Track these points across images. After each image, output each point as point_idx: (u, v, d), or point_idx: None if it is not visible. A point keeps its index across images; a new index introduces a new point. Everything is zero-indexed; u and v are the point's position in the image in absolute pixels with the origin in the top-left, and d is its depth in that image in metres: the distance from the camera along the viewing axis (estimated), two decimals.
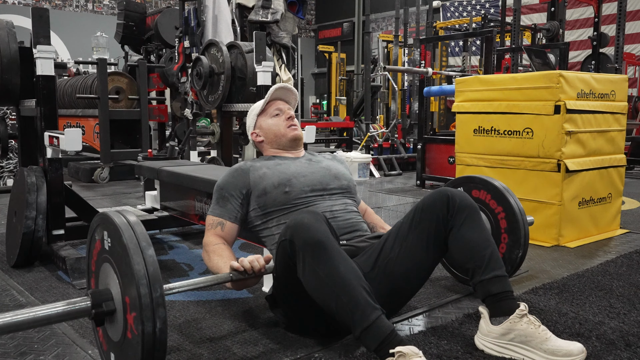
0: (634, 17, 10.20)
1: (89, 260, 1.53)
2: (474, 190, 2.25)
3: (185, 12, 4.45)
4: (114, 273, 1.37)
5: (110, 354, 1.45)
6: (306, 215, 1.51)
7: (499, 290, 1.58)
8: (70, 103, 5.73)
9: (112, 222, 1.36)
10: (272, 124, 2.00)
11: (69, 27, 12.77)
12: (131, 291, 1.29)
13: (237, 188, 1.86)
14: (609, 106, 3.16)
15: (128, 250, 1.29)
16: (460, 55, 10.59)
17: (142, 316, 1.25)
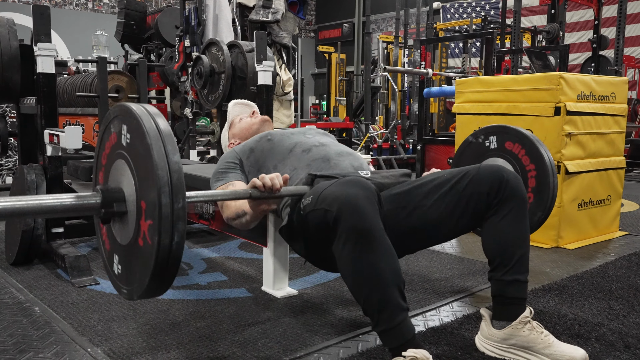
0: (634, 19, 10.22)
1: (99, 152, 1.43)
2: (508, 142, 2.20)
3: (186, 11, 4.45)
4: (130, 173, 1.26)
5: (114, 256, 1.38)
6: (359, 192, 1.37)
7: (513, 295, 1.56)
8: (70, 101, 5.73)
9: (135, 117, 1.22)
10: (241, 125, 2.23)
11: (69, 25, 12.76)
12: (150, 197, 1.17)
13: (230, 161, 1.94)
14: (609, 108, 3.16)
15: (152, 153, 1.16)
16: (460, 56, 10.60)
17: (160, 227, 1.14)
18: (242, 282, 2.33)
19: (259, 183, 1.53)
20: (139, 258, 1.24)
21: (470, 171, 1.63)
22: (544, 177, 2.08)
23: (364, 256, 1.35)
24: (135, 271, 1.27)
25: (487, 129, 2.26)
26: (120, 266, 1.35)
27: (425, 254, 2.82)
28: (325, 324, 1.85)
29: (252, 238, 2.28)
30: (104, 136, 1.40)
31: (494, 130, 2.24)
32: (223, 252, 2.82)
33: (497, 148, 2.23)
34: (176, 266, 1.20)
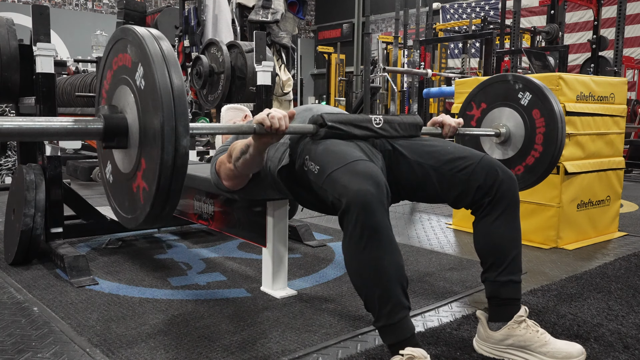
0: (633, 20, 10.23)
1: (104, 65, 1.41)
2: (536, 110, 2.11)
3: (186, 11, 4.45)
4: (133, 99, 1.25)
5: (108, 164, 1.42)
6: (370, 189, 1.35)
7: (508, 295, 1.57)
8: (69, 101, 5.72)
9: (142, 46, 1.20)
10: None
11: (68, 25, 12.75)
12: (152, 138, 1.17)
13: (228, 143, 1.92)
14: (608, 109, 3.16)
15: (156, 79, 1.15)
16: (459, 57, 10.60)
17: (164, 146, 1.14)
18: (241, 282, 2.33)
19: (267, 123, 1.47)
20: (146, 174, 1.23)
21: (473, 157, 1.63)
22: (544, 163, 2.06)
23: (369, 252, 1.36)
24: (137, 199, 1.27)
25: (528, 82, 2.11)
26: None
27: (425, 253, 2.82)
28: (324, 324, 1.85)
29: (251, 238, 2.28)
30: (109, 54, 1.38)
31: (533, 88, 2.09)
32: (222, 252, 2.82)
33: (525, 106, 2.10)
34: (183, 174, 1.19)
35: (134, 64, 1.23)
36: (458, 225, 3.51)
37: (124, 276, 2.38)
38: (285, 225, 2.17)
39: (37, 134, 1.21)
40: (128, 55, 1.26)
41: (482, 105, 2.24)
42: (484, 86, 2.25)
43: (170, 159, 1.14)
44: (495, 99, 2.20)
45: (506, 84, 2.15)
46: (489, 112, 2.22)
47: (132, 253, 2.77)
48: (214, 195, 2.46)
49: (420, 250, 2.91)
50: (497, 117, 2.19)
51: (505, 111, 2.16)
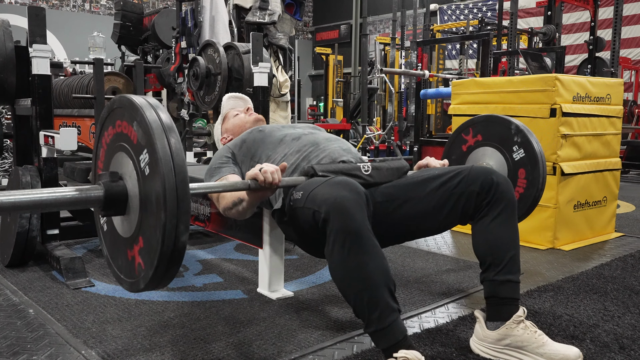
0: (630, 21, 10.25)
1: (100, 133, 1.41)
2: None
3: (183, 12, 4.44)
4: (133, 168, 1.24)
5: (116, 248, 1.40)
6: (348, 195, 1.39)
7: (505, 295, 1.57)
8: (66, 103, 5.72)
9: (138, 110, 1.21)
10: (235, 120, 2.18)
11: (65, 27, 12.73)
12: (154, 196, 1.17)
13: (223, 156, 1.94)
14: (604, 110, 3.17)
15: (156, 149, 1.15)
16: (457, 58, 10.61)
17: (166, 224, 1.14)
18: (238, 283, 2.33)
19: (261, 178, 1.50)
20: (143, 253, 1.24)
21: (462, 171, 1.66)
22: (534, 166, 2.09)
23: (353, 257, 1.37)
24: (132, 268, 1.28)
25: (529, 145, 2.09)
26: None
27: (421, 254, 2.82)
28: (320, 326, 1.85)
29: (248, 240, 2.28)
30: (105, 121, 1.38)
31: (529, 151, 2.10)
32: (219, 254, 2.82)
33: (515, 161, 2.14)
34: (178, 264, 1.20)
35: (140, 146, 1.23)
36: (457, 226, 3.51)
37: None
38: None
39: (38, 206, 1.22)
40: (134, 132, 1.25)
41: (478, 137, 2.25)
42: (489, 121, 2.23)
43: (169, 252, 1.16)
44: (493, 138, 2.20)
45: (508, 131, 2.15)
46: (481, 147, 2.24)
47: None
48: (211, 197, 2.45)
49: (417, 251, 2.91)
50: (486, 156, 2.22)
51: (496, 156, 2.19)
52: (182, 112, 4.40)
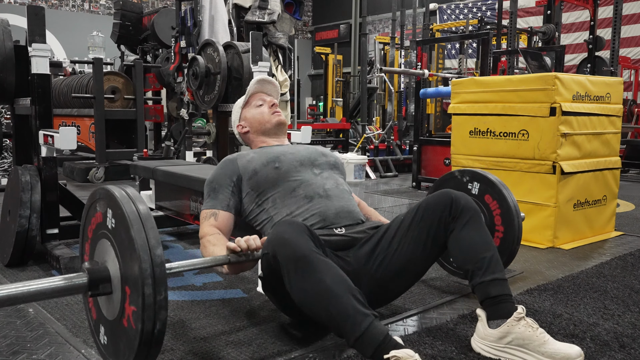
0: (629, 20, 10.25)
1: (84, 225, 1.50)
2: (488, 195, 2.21)
3: (182, 12, 4.44)
4: (115, 255, 1.33)
5: (100, 327, 1.45)
6: (286, 229, 1.49)
7: (497, 293, 1.58)
8: (65, 102, 5.72)
9: (119, 206, 1.30)
10: (256, 113, 2.05)
11: (65, 26, 12.74)
12: (133, 285, 1.25)
13: (227, 177, 1.88)
14: (604, 109, 3.17)
15: (135, 246, 1.24)
16: (456, 57, 10.61)
17: (144, 315, 1.23)
18: (237, 283, 2.32)
19: (234, 246, 1.55)
20: (123, 337, 1.32)
21: (422, 203, 1.73)
22: (509, 242, 2.14)
23: (308, 278, 1.42)
24: (121, 347, 1.34)
25: (474, 173, 2.25)
26: (107, 338, 1.42)
27: None
28: (320, 325, 1.84)
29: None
30: (89, 212, 1.48)
31: (480, 178, 2.23)
32: None
33: (476, 195, 2.22)
34: (158, 350, 1.31)
35: (115, 228, 1.33)
36: None
37: None
38: None
39: (25, 298, 1.28)
40: (108, 216, 1.37)
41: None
42: (439, 184, 2.31)
43: (149, 337, 1.26)
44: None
45: (455, 179, 2.27)
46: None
47: None
48: None
49: None
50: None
51: None
52: (182, 112, 4.40)
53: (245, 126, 2.08)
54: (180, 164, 3.15)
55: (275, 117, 2.04)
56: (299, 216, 1.79)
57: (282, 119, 2.06)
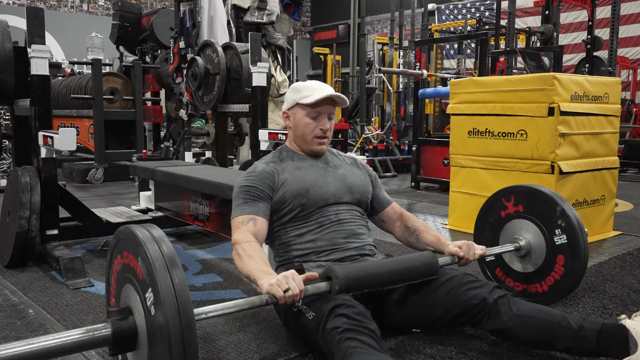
0: (627, 20, 10.26)
1: (110, 261, 1.42)
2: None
3: (181, 13, 4.45)
4: (140, 303, 1.24)
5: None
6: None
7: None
8: (64, 103, 5.72)
9: (144, 251, 1.21)
10: (304, 124, 1.83)
11: (64, 27, 12.72)
12: (161, 340, 1.17)
13: (267, 186, 1.78)
14: (602, 109, 3.17)
15: (162, 299, 1.15)
16: (455, 57, 10.62)
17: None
18: (237, 283, 2.33)
19: (278, 293, 1.42)
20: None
21: (460, 295, 1.64)
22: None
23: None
24: None
25: (572, 231, 1.97)
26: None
27: None
28: None
29: None
30: (114, 252, 1.39)
31: (572, 238, 1.96)
32: (218, 254, 2.82)
33: (556, 245, 1.99)
34: None
35: (145, 283, 1.22)
36: (454, 225, 3.52)
37: None
38: None
39: (44, 355, 1.17)
40: (139, 267, 1.25)
41: (519, 207, 2.09)
42: (533, 195, 2.07)
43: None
44: (535, 213, 2.04)
45: (552, 211, 1.99)
46: (520, 219, 2.08)
47: None
48: (210, 197, 2.46)
49: None
50: (524, 230, 2.06)
51: (534, 233, 2.03)
52: (181, 112, 4.40)
53: (290, 122, 1.88)
54: (179, 164, 3.16)
55: (317, 145, 1.84)
56: (319, 240, 1.76)
57: (322, 150, 1.87)
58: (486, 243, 2.07)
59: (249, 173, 1.84)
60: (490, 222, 2.20)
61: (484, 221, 2.23)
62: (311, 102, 1.79)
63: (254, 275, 1.51)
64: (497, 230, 2.16)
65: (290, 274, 1.46)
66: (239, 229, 1.70)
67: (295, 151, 1.90)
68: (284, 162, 1.87)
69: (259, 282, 1.48)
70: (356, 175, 1.93)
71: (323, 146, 1.86)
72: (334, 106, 1.85)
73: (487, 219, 2.21)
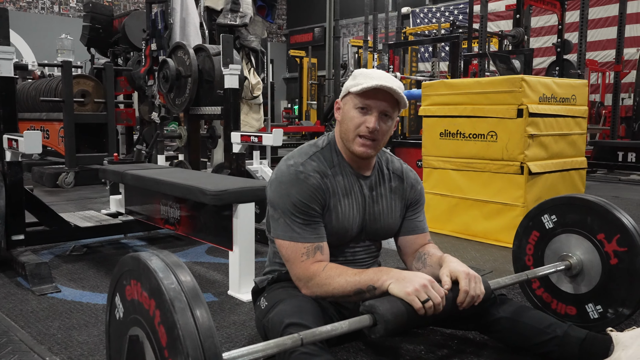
0: (596, 25, 10.49)
1: (109, 316, 1.20)
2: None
3: (153, 14, 4.40)
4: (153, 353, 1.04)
5: None
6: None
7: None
8: (34, 106, 5.61)
9: (156, 281, 1.00)
10: (351, 118, 1.53)
11: (34, 29, 12.49)
12: None
13: (320, 207, 1.52)
14: (570, 110, 3.24)
15: (182, 345, 0.95)
16: (430, 61, 10.72)
17: None
18: (208, 286, 2.31)
19: (418, 306, 1.29)
20: None
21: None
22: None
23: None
24: None
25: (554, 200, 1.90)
26: None
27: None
28: None
29: (218, 242, 2.26)
30: (118, 283, 1.15)
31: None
32: (190, 257, 2.79)
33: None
34: None
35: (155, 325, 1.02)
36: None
37: (88, 283, 2.33)
38: (251, 229, 2.16)
39: None
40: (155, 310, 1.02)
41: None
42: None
43: None
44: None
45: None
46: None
47: (97, 259, 2.71)
48: (181, 200, 2.43)
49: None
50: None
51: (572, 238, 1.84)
52: (153, 115, 4.35)
53: (339, 114, 1.60)
54: (149, 167, 3.12)
55: (359, 146, 1.53)
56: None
57: (365, 153, 1.54)
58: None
59: (297, 179, 1.50)
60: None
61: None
62: (359, 90, 1.49)
63: (367, 283, 1.37)
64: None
65: (428, 281, 1.33)
66: (306, 263, 1.47)
67: (344, 157, 1.60)
68: (333, 175, 1.56)
69: (386, 287, 1.34)
70: (392, 213, 1.65)
71: (367, 149, 1.53)
72: (393, 105, 1.52)
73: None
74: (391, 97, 1.50)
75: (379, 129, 1.51)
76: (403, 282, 1.32)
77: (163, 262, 1.03)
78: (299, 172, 1.52)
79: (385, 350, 1.67)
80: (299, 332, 1.21)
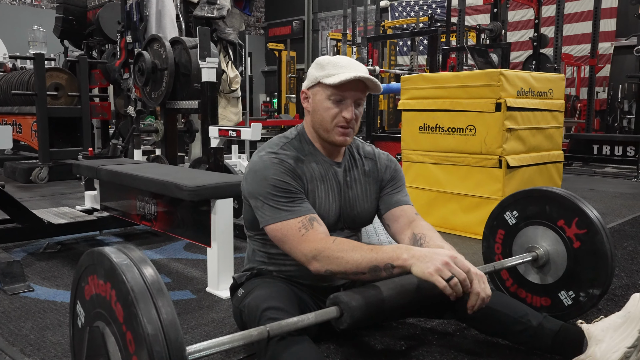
0: (572, 19, 10.63)
1: (73, 308, 1.19)
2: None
3: (127, 6, 4.31)
4: (117, 347, 1.02)
5: None
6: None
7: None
8: (5, 100, 5.48)
9: (119, 276, 1.00)
10: (324, 109, 1.53)
11: (6, 21, 12.19)
12: None
13: (298, 184, 1.50)
14: (547, 104, 3.26)
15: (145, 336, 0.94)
16: (408, 54, 10.75)
17: None
18: (186, 283, 2.27)
19: (443, 284, 1.24)
20: None
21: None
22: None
23: None
24: None
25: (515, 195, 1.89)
26: None
27: None
28: None
29: (195, 238, 2.23)
30: (79, 284, 1.16)
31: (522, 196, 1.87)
32: (167, 254, 2.75)
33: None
34: None
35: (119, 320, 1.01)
36: None
37: (62, 281, 2.28)
38: (230, 224, 2.13)
39: None
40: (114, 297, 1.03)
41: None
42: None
43: None
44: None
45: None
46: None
47: (72, 257, 2.66)
48: (157, 196, 2.39)
49: None
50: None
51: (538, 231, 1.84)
52: (129, 109, 4.28)
53: (309, 104, 1.58)
54: (125, 162, 3.06)
55: (339, 137, 1.54)
56: (295, 266, 1.53)
57: (346, 143, 1.56)
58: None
59: (271, 163, 1.49)
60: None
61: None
62: (335, 82, 1.47)
63: (385, 261, 1.30)
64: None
65: (450, 258, 1.27)
66: (307, 235, 1.41)
67: (316, 146, 1.60)
68: (307, 162, 1.56)
69: (408, 266, 1.28)
70: (367, 197, 1.65)
71: (346, 137, 1.54)
72: (365, 91, 1.53)
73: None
74: (363, 84, 1.51)
75: (355, 117, 1.54)
76: (424, 260, 1.27)
77: (127, 257, 1.05)
78: (273, 158, 1.51)
79: (363, 345, 1.66)
80: (266, 325, 1.20)
